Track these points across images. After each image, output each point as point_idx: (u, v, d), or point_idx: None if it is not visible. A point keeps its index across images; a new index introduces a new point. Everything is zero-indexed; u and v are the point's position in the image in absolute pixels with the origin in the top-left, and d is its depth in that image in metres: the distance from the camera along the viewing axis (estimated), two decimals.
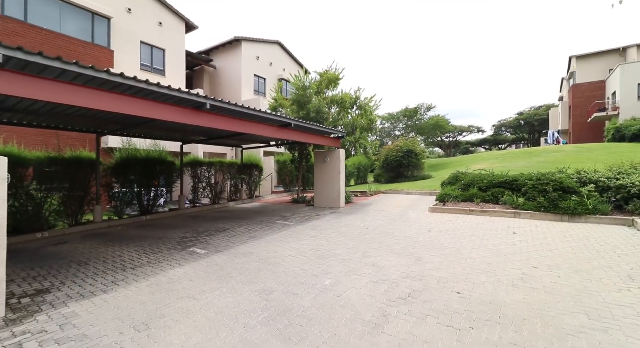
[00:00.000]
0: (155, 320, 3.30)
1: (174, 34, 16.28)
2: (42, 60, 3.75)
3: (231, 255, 5.59)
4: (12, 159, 7.41)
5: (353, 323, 3.09)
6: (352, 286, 4.01)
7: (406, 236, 6.53)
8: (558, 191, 7.61)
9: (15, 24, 10.75)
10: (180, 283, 4.33)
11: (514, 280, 4.01)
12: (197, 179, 12.39)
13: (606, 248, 5.19)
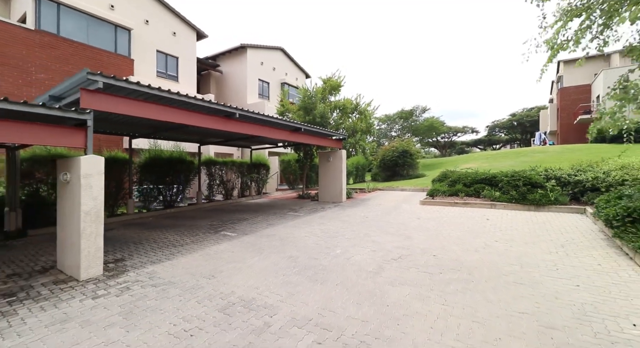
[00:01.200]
0: (217, 273, 4.62)
1: (187, 43, 17.53)
2: (126, 84, 5.04)
3: (257, 236, 6.91)
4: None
5: (359, 272, 4.43)
6: (357, 253, 5.35)
7: (399, 223, 7.88)
8: (527, 185, 9.01)
9: (50, 37, 11.96)
10: (225, 254, 5.64)
11: (477, 248, 5.37)
12: (211, 177, 13.67)
13: (555, 228, 6.57)
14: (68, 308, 3.64)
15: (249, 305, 3.55)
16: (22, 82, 11.21)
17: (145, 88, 5.30)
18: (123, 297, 3.90)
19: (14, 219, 7.66)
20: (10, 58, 10.90)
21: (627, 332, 2.72)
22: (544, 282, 3.85)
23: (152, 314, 3.42)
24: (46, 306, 3.73)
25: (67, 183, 4.86)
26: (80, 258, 4.55)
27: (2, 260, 5.67)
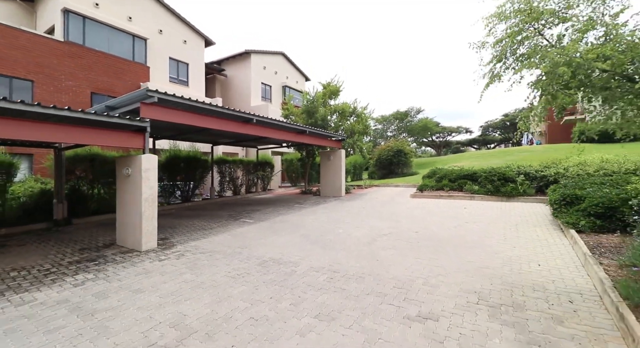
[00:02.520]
0: (247, 246, 5.99)
1: (196, 50, 18.82)
2: (174, 98, 6.38)
3: (272, 222, 8.27)
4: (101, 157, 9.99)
5: (357, 243, 5.82)
6: (355, 232, 6.74)
7: (391, 212, 9.28)
8: (501, 180, 10.45)
9: (76, 47, 13.21)
10: (248, 234, 7.01)
11: (450, 227, 6.79)
12: (222, 175, 15.00)
13: (516, 214, 8.01)
14: (144, 266, 4.99)
15: (278, 261, 4.93)
16: (54, 89, 12.48)
17: (187, 101, 6.65)
18: (182, 260, 5.26)
19: (61, 209, 8.96)
20: (45, 67, 12.16)
21: (533, 268, 4.13)
22: (492, 246, 5.26)
23: (210, 267, 4.79)
24: (126, 265, 5.08)
25: (128, 176, 6.20)
26: (141, 234, 5.90)
27: (67, 240, 7.00)
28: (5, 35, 11.23)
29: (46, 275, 4.74)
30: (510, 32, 3.74)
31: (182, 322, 3.15)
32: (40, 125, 4.87)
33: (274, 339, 2.77)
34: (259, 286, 3.99)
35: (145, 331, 3.01)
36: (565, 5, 3.51)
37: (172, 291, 3.93)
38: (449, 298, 3.40)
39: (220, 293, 3.81)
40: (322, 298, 3.56)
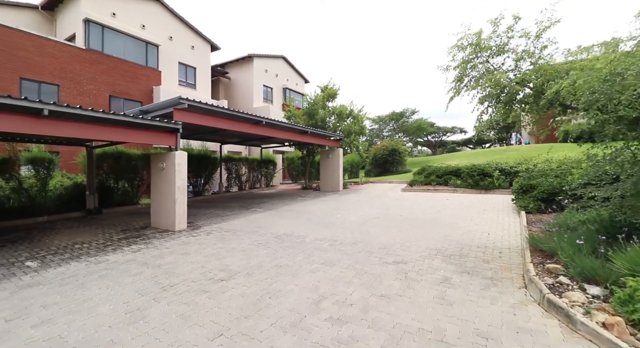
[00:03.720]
0: (261, 226, 7.28)
1: (203, 55, 20.03)
2: (200, 105, 7.64)
3: (279, 210, 9.57)
4: (126, 155, 11.21)
5: (352, 223, 7.14)
6: (351, 216, 8.06)
7: (382, 203, 10.61)
8: (480, 175, 11.82)
9: (96, 54, 14.40)
10: (260, 219, 8.29)
11: (430, 212, 8.13)
12: (229, 171, 16.26)
13: (488, 202, 9.37)
14: (182, 240, 6.28)
15: (290, 235, 6.24)
16: (76, 92, 13.66)
17: (212, 106, 7.94)
18: (211, 236, 6.55)
19: (92, 200, 10.19)
20: (68, 73, 13.35)
21: (483, 236, 5.48)
22: (459, 224, 6.61)
23: (235, 240, 6.08)
24: (167, 239, 6.36)
25: (162, 170, 7.47)
26: (175, 217, 7.17)
27: (105, 224, 8.26)
28: (35, 43, 12.41)
29: (105, 246, 6.01)
30: (465, 60, 5.05)
31: (227, 268, 4.45)
32: (102, 127, 6.13)
33: (294, 275, 4.08)
34: (277, 250, 5.30)
35: (202, 273, 4.30)
36: (502, 43, 4.82)
37: (211, 254, 5.23)
38: (417, 252, 4.73)
39: (249, 254, 5.11)
40: (325, 255, 4.87)
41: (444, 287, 3.48)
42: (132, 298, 3.61)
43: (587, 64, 3.82)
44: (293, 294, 3.49)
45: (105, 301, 3.56)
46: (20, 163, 9.22)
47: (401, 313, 2.95)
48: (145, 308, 3.32)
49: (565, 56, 4.64)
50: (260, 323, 2.88)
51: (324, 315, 2.98)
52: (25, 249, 5.94)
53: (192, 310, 3.22)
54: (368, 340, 2.55)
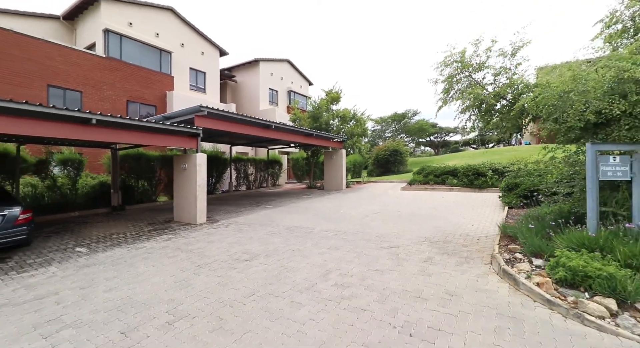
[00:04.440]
0: (274, 220, 8.16)
1: (212, 60, 20.99)
2: (218, 112, 8.53)
3: (287, 207, 10.44)
4: (145, 156, 12.16)
5: (354, 218, 7.99)
6: (353, 212, 8.91)
7: (383, 201, 11.44)
8: (475, 175, 12.60)
9: (115, 62, 15.38)
10: (272, 214, 9.17)
11: (425, 208, 8.95)
12: (238, 171, 17.17)
13: (479, 200, 10.16)
14: (205, 231, 7.17)
15: (299, 227, 7.10)
16: (98, 98, 14.65)
17: (229, 113, 8.84)
18: (229, 228, 7.44)
19: (116, 198, 11.14)
20: (91, 80, 14.35)
21: (468, 228, 6.31)
22: (449, 218, 7.43)
23: (252, 231, 6.96)
24: (191, 231, 7.25)
25: (184, 170, 8.38)
26: (196, 212, 8.07)
27: (132, 219, 9.19)
28: (61, 53, 13.42)
29: (139, 236, 6.92)
30: (451, 75, 5.87)
31: (248, 252, 5.32)
32: (136, 133, 7.05)
33: (305, 256, 4.94)
34: (289, 238, 6.17)
35: (228, 255, 5.19)
36: (482, 62, 5.63)
37: (233, 241, 6.11)
38: (408, 240, 5.58)
39: (265, 241, 5.98)
40: (331, 242, 5.73)
41: (427, 264, 4.32)
42: (176, 272, 4.50)
43: (546, 82, 4.65)
44: (305, 269, 4.36)
45: (155, 274, 4.45)
46: (54, 164, 10.19)
47: (390, 281, 3.80)
48: (189, 279, 4.20)
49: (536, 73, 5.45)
50: (282, 287, 3.75)
51: (330, 282, 3.84)
52: (70, 238, 6.88)
53: (227, 280, 4.09)
54: (364, 297, 3.40)
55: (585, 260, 2.99)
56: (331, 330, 2.77)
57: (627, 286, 2.67)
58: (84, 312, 3.41)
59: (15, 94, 11.64)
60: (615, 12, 4.82)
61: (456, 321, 2.82)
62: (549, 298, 2.91)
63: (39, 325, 3.16)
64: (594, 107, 3.96)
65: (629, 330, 2.43)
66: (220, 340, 2.71)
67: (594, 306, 2.65)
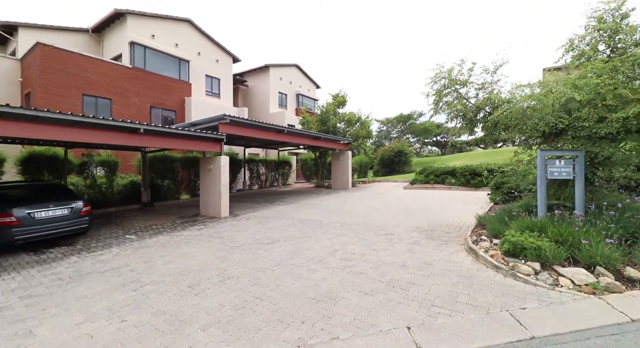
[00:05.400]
0: (288, 214, 9.34)
1: (226, 67, 22.33)
2: (239, 119, 9.75)
3: (298, 204, 11.61)
4: (170, 158, 13.49)
5: (358, 212, 9.11)
6: (357, 208, 10.03)
7: (385, 198, 12.52)
8: (472, 175, 13.56)
9: (140, 72, 16.80)
10: (285, 209, 10.35)
11: (422, 205, 10.02)
12: (251, 172, 18.44)
13: (473, 197, 11.15)
14: (229, 223, 8.39)
15: (311, 220, 8.26)
16: (125, 105, 16.08)
17: (248, 121, 10.06)
18: (250, 221, 8.64)
19: (146, 195, 12.48)
20: (118, 88, 15.77)
21: (454, 220, 7.37)
22: (441, 212, 8.49)
23: (270, 223, 8.15)
24: (218, 223, 8.48)
25: (210, 171, 9.62)
26: (221, 207, 9.30)
27: (163, 213, 10.49)
28: (94, 65, 14.86)
29: (175, 227, 8.18)
30: (439, 89, 6.93)
31: (270, 238, 6.51)
32: (172, 139, 8.31)
33: (316, 240, 6.10)
34: (302, 228, 7.34)
35: (254, 240, 6.37)
36: (465, 79, 6.68)
37: (256, 230, 7.30)
38: (402, 229, 6.68)
39: (283, 230, 7.16)
40: (337, 231, 6.87)
41: (413, 245, 5.43)
42: (214, 252, 5.70)
43: (512, 99, 5.70)
44: (317, 249, 5.51)
45: (198, 253, 5.66)
46: (94, 165, 11.57)
47: (383, 256, 4.92)
48: (226, 256, 5.40)
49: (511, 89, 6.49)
50: (300, 260, 4.91)
51: (337, 257, 4.99)
52: (117, 228, 8.18)
53: (256, 256, 5.28)
54: (362, 266, 4.54)
55: (525, 237, 4.05)
56: (337, 284, 3.92)
57: (548, 254, 3.73)
58: (154, 276, 4.62)
59: (55, 102, 13.11)
60: (572, 40, 5.84)
61: (427, 279, 3.94)
62: (496, 264, 3.99)
63: (125, 284, 4.38)
64: (546, 121, 5.01)
65: (543, 282, 3.50)
66: (260, 289, 3.89)
67: (525, 268, 3.73)
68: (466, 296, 3.41)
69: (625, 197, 5.38)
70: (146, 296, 3.91)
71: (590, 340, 2.62)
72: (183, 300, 3.72)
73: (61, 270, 5.09)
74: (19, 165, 9.99)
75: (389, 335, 2.78)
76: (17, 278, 4.80)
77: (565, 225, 4.15)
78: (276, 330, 2.95)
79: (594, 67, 4.97)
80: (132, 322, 3.27)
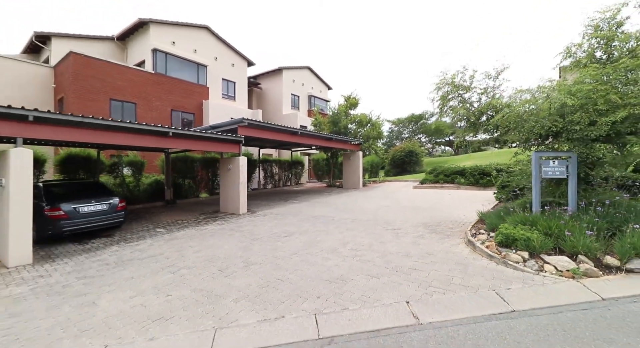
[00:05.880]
0: (301, 211, 9.95)
1: (241, 71, 23.19)
2: (257, 122, 10.43)
3: (311, 202, 12.21)
4: (191, 159, 14.34)
5: (368, 210, 9.64)
6: (367, 206, 10.54)
7: (394, 197, 12.97)
8: (481, 174, 13.83)
9: (161, 77, 17.80)
10: (299, 207, 10.97)
11: (431, 203, 10.44)
12: (265, 172, 19.18)
13: (480, 196, 11.45)
14: (248, 219, 9.06)
15: (323, 216, 8.84)
16: (147, 108, 17.09)
17: (265, 123, 10.73)
18: (267, 217, 9.29)
19: (169, 193, 13.35)
20: (142, 93, 16.79)
21: (459, 217, 7.79)
22: (449, 210, 8.91)
23: (285, 219, 8.78)
24: (237, 218, 9.16)
25: (229, 170, 10.33)
26: (239, 204, 10.00)
27: (186, 210, 11.29)
28: (120, 71, 15.91)
29: (198, 221, 8.91)
30: (444, 95, 7.38)
31: (286, 231, 7.12)
32: (196, 141, 9.05)
33: (329, 234, 6.67)
34: (316, 223, 7.92)
35: (272, 233, 7.00)
36: (467, 85, 7.11)
37: (273, 225, 7.94)
38: (409, 224, 7.17)
39: (298, 225, 7.77)
40: (348, 226, 7.43)
41: (418, 239, 5.93)
42: (237, 243, 6.36)
43: (512, 103, 6.11)
44: (330, 241, 6.09)
45: (223, 244, 6.33)
46: (123, 165, 12.51)
47: (389, 248, 5.45)
48: (249, 246, 6.04)
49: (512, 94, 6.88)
50: (314, 250, 5.50)
51: (348, 248, 5.55)
52: (147, 223, 8.98)
53: (275, 247, 5.90)
54: (370, 255, 5.08)
55: (517, 230, 4.49)
56: (347, 270, 4.48)
57: (535, 244, 4.18)
58: (187, 262, 5.30)
59: (86, 107, 14.18)
60: (569, 48, 6.20)
61: (427, 266, 4.45)
62: (490, 254, 4.46)
63: (163, 268, 5.07)
64: (542, 124, 5.42)
65: (530, 268, 3.96)
66: (280, 273, 4.49)
67: (515, 256, 4.19)
68: (460, 279, 3.91)
69: (616, 195, 5.71)
70: (183, 277, 4.58)
71: (562, 313, 3.09)
72: (215, 280, 4.36)
73: (106, 257, 5.85)
74: (57, 165, 10.98)
75: (391, 307, 3.32)
76: (70, 263, 5.58)
77: (554, 219, 4.58)
78: (296, 303, 3.55)
79: (587, 74, 5.35)
80: (175, 296, 3.93)
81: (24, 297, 4.17)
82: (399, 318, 3.11)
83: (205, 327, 3.16)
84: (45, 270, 5.27)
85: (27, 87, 15.36)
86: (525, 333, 2.77)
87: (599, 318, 2.98)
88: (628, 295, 3.33)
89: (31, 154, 5.70)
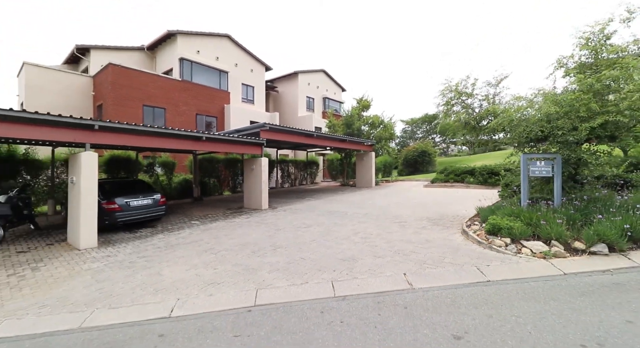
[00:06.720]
0: (317, 207, 10.93)
1: (259, 76, 24.44)
2: (277, 126, 11.49)
3: (326, 199, 13.17)
4: (216, 159, 15.61)
5: (379, 206, 10.50)
6: (379, 202, 11.40)
7: (405, 195, 13.73)
8: (490, 174, 14.36)
9: (187, 84, 19.23)
10: (315, 203, 11.95)
11: (438, 200, 11.17)
12: (283, 171, 20.30)
13: (486, 194, 12.00)
14: (271, 213, 10.12)
15: (337, 211, 9.78)
16: (175, 113, 18.54)
17: (284, 127, 11.78)
18: (286, 212, 10.32)
19: (197, 191, 14.65)
20: (171, 99, 18.25)
21: (460, 212, 8.54)
22: (453, 206, 9.65)
23: (303, 213, 9.77)
24: (260, 213, 10.24)
25: (252, 170, 11.44)
26: (262, 200, 11.09)
27: (212, 206, 12.49)
28: (152, 80, 17.40)
29: (226, 215, 10.05)
30: (448, 100, 8.16)
31: (305, 223, 8.12)
32: (224, 144, 10.20)
33: (342, 225, 7.61)
34: (331, 217, 8.88)
35: (293, 225, 8.01)
36: (470, 92, 7.87)
37: (293, 219, 8.95)
38: (414, 218, 8.01)
39: (315, 219, 8.75)
40: (360, 219, 8.34)
41: (421, 229, 6.78)
42: (264, 232, 7.40)
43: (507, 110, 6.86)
44: (343, 231, 7.03)
45: (252, 233, 7.39)
46: (157, 165, 13.90)
47: (394, 236, 6.34)
48: (273, 235, 7.07)
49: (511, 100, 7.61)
50: (330, 237, 6.46)
51: (359, 236, 6.47)
52: (181, 216, 10.19)
53: (296, 235, 6.90)
54: (377, 241, 5.99)
55: (503, 220, 5.28)
56: (357, 252, 5.41)
57: (516, 232, 4.96)
58: (223, 246, 6.38)
59: (122, 113, 15.69)
60: (561, 59, 6.88)
61: (425, 249, 5.32)
62: (479, 240, 5.28)
63: (206, 250, 6.16)
64: (531, 129, 6.16)
65: (510, 251, 4.75)
66: (302, 253, 5.48)
67: (499, 241, 4.99)
68: (450, 259, 4.77)
69: (597, 191, 6.33)
70: (224, 256, 5.64)
71: (527, 283, 3.91)
72: (250, 259, 5.40)
73: (156, 242, 7.02)
74: (102, 165, 12.44)
75: (391, 277, 4.23)
76: (128, 247, 6.76)
77: (534, 212, 5.34)
78: (316, 274, 4.51)
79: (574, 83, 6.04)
80: (221, 269, 4.98)
81: (101, 270, 5.32)
82: (397, 285, 4.02)
83: (249, 288, 4.17)
84: (110, 251, 6.47)
85: (72, 95, 17.10)
86: (493, 295, 3.63)
87: (556, 286, 3.79)
88: (586, 271, 4.11)
89: (96, 156, 6.94)
